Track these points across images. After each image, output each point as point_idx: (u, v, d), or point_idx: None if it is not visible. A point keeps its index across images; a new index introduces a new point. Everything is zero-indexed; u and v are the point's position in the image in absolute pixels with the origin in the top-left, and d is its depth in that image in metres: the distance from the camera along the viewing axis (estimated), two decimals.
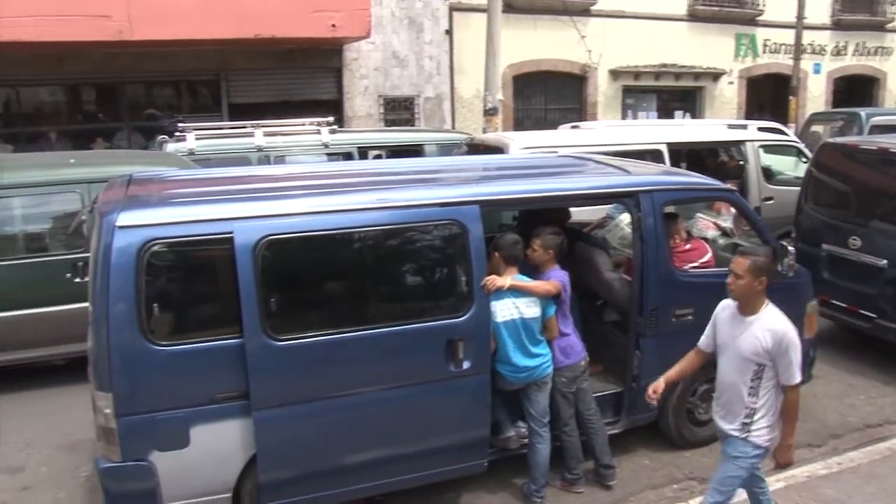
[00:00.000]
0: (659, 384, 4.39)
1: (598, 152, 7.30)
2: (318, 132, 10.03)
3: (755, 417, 4.04)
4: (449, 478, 5.17)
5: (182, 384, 4.28)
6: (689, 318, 5.45)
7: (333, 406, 4.54)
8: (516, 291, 4.89)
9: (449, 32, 15.68)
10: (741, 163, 10.41)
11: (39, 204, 7.48)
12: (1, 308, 7.11)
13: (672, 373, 4.47)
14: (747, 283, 3.97)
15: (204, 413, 4.33)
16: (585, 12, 16.95)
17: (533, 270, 5.24)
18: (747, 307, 4.05)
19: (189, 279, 4.55)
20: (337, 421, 4.58)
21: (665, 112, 18.77)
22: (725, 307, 4.23)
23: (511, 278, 4.87)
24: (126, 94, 14.43)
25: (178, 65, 13.71)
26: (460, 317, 4.74)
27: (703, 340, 4.38)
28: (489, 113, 13.08)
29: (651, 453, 5.93)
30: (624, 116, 18.19)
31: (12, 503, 5.51)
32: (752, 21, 19.41)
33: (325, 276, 4.80)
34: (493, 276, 4.83)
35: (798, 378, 3.98)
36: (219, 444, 4.40)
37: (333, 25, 12.54)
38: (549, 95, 17.73)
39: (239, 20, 11.95)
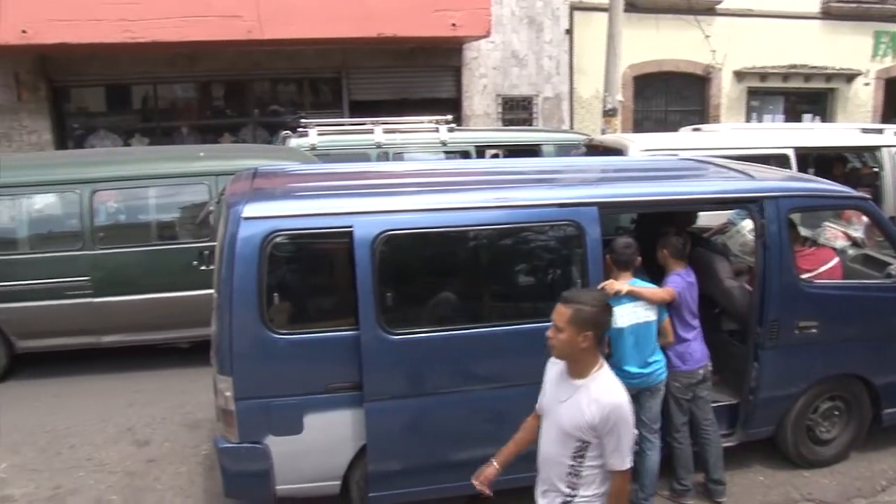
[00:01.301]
0: (489, 472, 3.69)
1: (720, 156, 7.08)
2: (437, 130, 10.13)
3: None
4: None
5: (298, 372, 4.42)
6: (814, 331, 5.22)
7: (444, 402, 4.59)
8: (633, 296, 4.81)
9: (569, 32, 15.51)
10: (875, 169, 9.85)
11: (171, 194, 7.87)
12: (133, 291, 7.54)
13: (507, 450, 3.72)
14: (568, 339, 3.18)
15: (317, 402, 4.45)
16: (710, 11, 16.42)
17: (658, 272, 5.13)
18: (574, 368, 3.28)
19: (308, 270, 4.69)
20: (446, 417, 4.62)
21: (793, 115, 17.95)
22: (556, 362, 3.44)
23: (628, 283, 4.79)
24: (252, 91, 14.96)
25: (303, 63, 14.11)
26: None
27: (539, 400, 3.62)
28: (608, 114, 12.87)
29: (766, 470, 5.69)
30: (748, 119, 17.52)
31: (140, 474, 5.83)
32: (893, 18, 18.32)
33: (441, 272, 4.85)
34: (612, 281, 4.76)
35: (628, 463, 3.19)
36: (330, 433, 4.51)
37: (454, 25, 12.62)
38: (670, 97, 17.28)
39: (362, 19, 12.20)
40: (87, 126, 14.60)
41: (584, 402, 3.17)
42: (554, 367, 3.45)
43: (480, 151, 10.35)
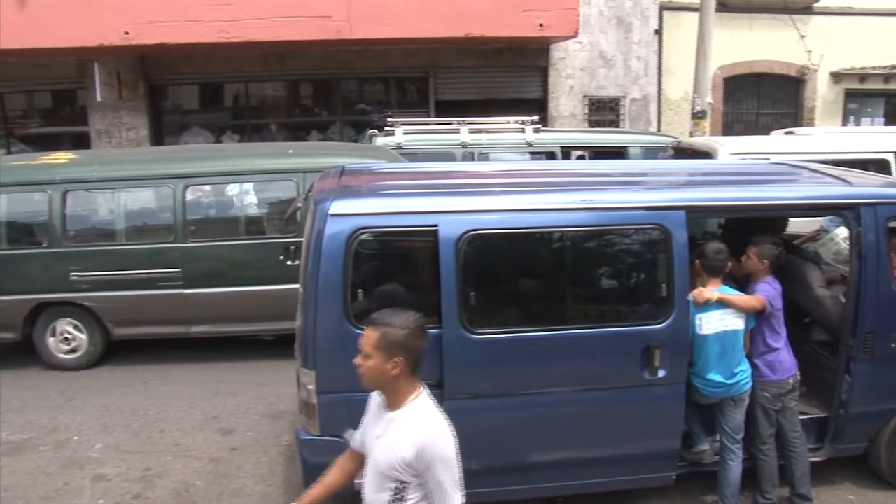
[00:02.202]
0: None
1: (814, 160, 6.85)
2: (523, 131, 10.11)
3: None
4: (633, 487, 5.07)
5: None
6: None
7: (524, 403, 4.57)
8: (722, 304, 4.69)
9: (658, 32, 15.25)
10: None
11: (260, 190, 8.09)
12: (222, 284, 7.76)
13: (313, 492, 3.23)
14: (376, 365, 2.81)
15: None
16: (807, 10, 15.88)
17: (744, 279, 5.01)
18: (388, 398, 2.92)
19: (392, 268, 4.73)
20: (526, 418, 4.59)
21: (894, 119, 17.23)
22: (379, 393, 3.05)
23: (717, 291, 4.68)
24: (340, 90, 15.21)
25: (390, 62, 14.27)
26: (659, 324, 4.60)
27: (355, 436, 3.24)
28: (697, 116, 12.61)
29: (857, 489, 5.44)
30: (845, 122, 16.88)
31: (223, 460, 6.00)
32: None
33: (525, 273, 4.83)
34: (701, 289, 4.66)
35: (457, 500, 2.82)
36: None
37: (541, 25, 12.54)
38: (761, 99, 16.80)
39: (450, 19, 12.25)
40: (181, 123, 15.11)
41: (397, 437, 2.81)
42: (374, 399, 3.09)
43: (566, 153, 10.28)
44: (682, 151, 9.30)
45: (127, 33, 12.03)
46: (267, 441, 6.30)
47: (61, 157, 8.71)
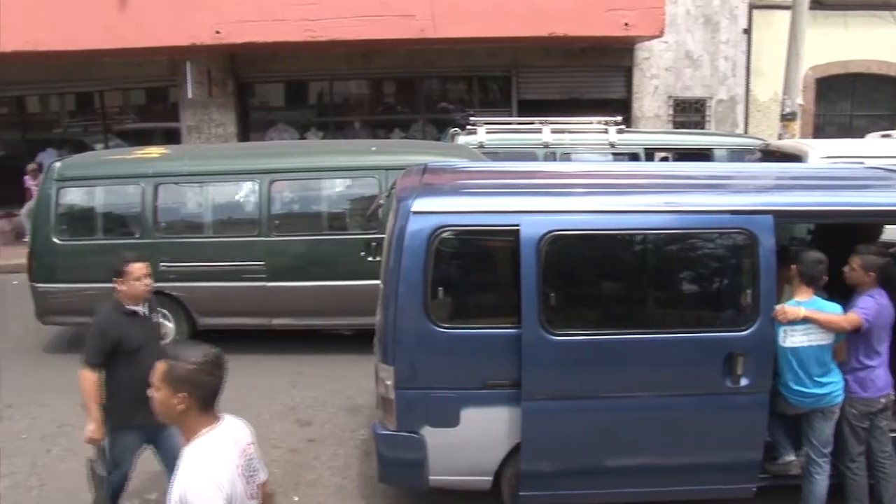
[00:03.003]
0: None
1: None
2: (605, 131, 10.01)
3: None
4: (712, 497, 4.92)
5: (457, 366, 4.48)
6: None
7: (602, 406, 4.52)
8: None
9: (747, 31, 14.86)
10: None
11: (343, 186, 8.20)
12: (304, 278, 7.90)
13: None
14: (163, 399, 2.66)
15: (475, 396, 4.49)
16: None
17: (848, 290, 4.80)
18: (181, 433, 2.75)
19: (473, 266, 4.74)
20: (603, 421, 4.55)
21: None
22: None
23: (805, 308, 4.51)
24: (423, 88, 15.33)
25: (473, 61, 14.30)
26: (742, 331, 4.48)
27: None
28: (787, 118, 12.23)
29: None
30: None
31: (301, 451, 6.11)
32: None
33: (605, 275, 4.79)
34: (786, 308, 4.50)
35: None
36: (486, 429, 4.54)
37: (626, 24, 12.40)
38: (856, 100, 16.18)
39: (534, 18, 12.21)
40: (267, 119, 15.46)
41: (175, 478, 2.61)
42: None
43: (649, 154, 10.13)
44: (770, 154, 9.05)
45: (218, 32, 12.41)
46: (344, 434, 6.39)
47: (154, 151, 9.03)
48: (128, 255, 4.72)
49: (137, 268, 4.59)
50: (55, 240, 8.21)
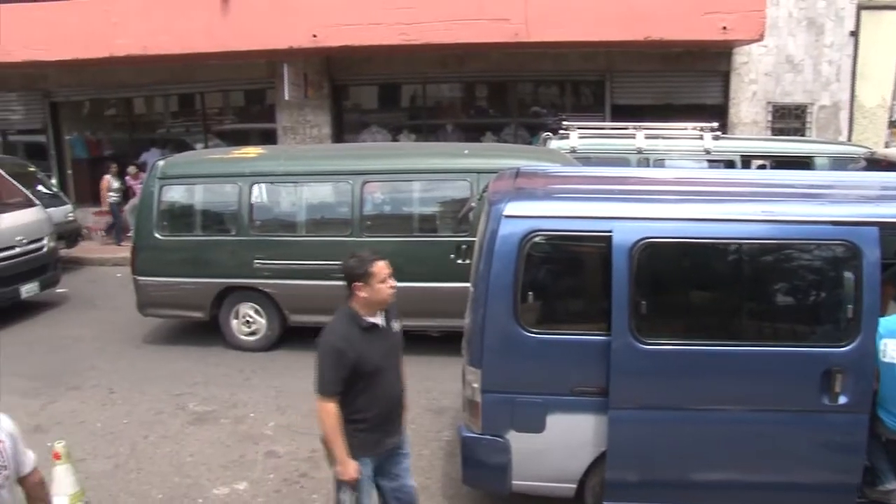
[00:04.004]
0: None
1: None
2: (701, 137, 9.80)
3: None
4: None
5: (545, 371, 4.46)
6: None
7: (691, 418, 4.42)
8: None
9: (854, 34, 14.27)
10: None
11: (434, 189, 8.26)
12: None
13: None
14: None
15: (562, 403, 4.46)
16: None
17: None
18: None
19: (563, 272, 4.72)
20: (692, 434, 4.45)
21: None
22: None
23: None
24: (515, 92, 15.28)
25: (567, 65, 14.19)
26: (842, 346, 4.30)
27: None
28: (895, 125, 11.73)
29: None
30: None
31: None
32: None
33: (698, 285, 4.69)
34: None
35: None
36: (572, 435, 4.51)
37: (725, 28, 12.07)
38: None
39: (629, 22, 12.04)
40: (360, 121, 15.71)
41: None
42: None
43: (746, 161, 9.86)
44: (875, 163, 8.66)
45: (315, 36, 12.69)
46: (428, 434, 6.43)
47: (251, 151, 9.31)
48: (367, 254, 4.05)
49: (381, 267, 3.97)
50: (156, 235, 8.57)
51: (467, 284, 4.94)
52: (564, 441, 4.52)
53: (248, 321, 8.57)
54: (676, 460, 4.52)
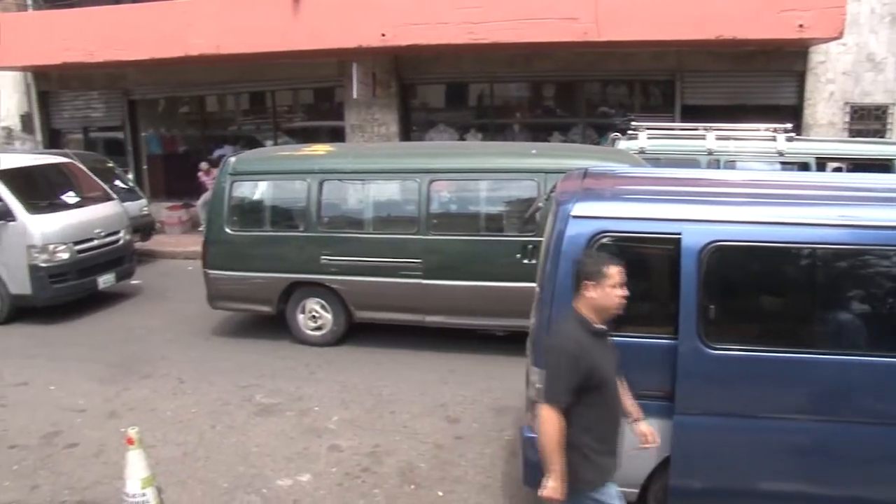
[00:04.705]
0: None
1: None
2: (774, 139, 9.57)
3: None
4: None
5: None
6: None
7: (759, 427, 4.33)
8: None
9: None
10: None
11: (501, 189, 8.24)
12: (459, 277, 8.02)
13: None
14: None
15: None
16: None
17: None
18: None
19: (630, 274, 4.61)
20: (760, 442, 4.36)
21: None
22: None
23: None
24: (583, 92, 15.15)
25: (636, 65, 14.01)
26: None
27: None
28: None
29: None
30: None
31: (447, 447, 6.22)
32: None
33: (771, 290, 4.58)
34: None
35: None
36: (635, 439, 4.46)
37: (801, 26, 11.74)
38: None
39: (700, 21, 11.82)
40: (427, 120, 15.79)
41: None
42: None
43: (821, 164, 9.57)
44: None
45: (384, 35, 12.80)
46: (491, 434, 6.44)
47: (320, 149, 9.44)
48: (602, 256, 3.82)
49: (617, 271, 3.65)
50: (227, 230, 8.76)
51: (533, 284, 4.92)
52: (627, 444, 4.46)
53: (314, 316, 8.70)
54: (743, 469, 4.42)
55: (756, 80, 13.92)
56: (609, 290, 3.62)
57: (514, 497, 5.40)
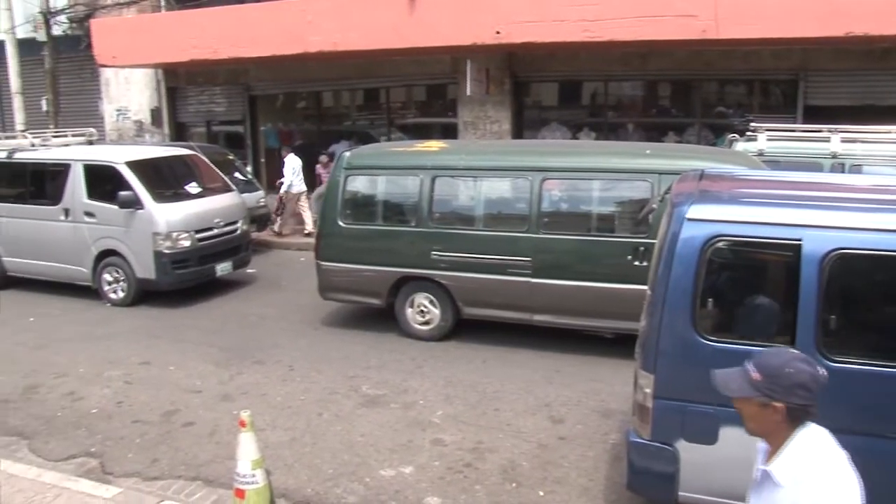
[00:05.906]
0: None
1: None
2: None
3: None
4: None
5: None
6: None
7: (879, 446, 4.11)
8: None
9: None
10: None
11: (614, 189, 8.12)
12: (568, 277, 7.98)
13: None
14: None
15: (736, 416, 4.27)
16: None
17: None
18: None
19: (746, 280, 4.54)
20: (878, 462, 4.14)
21: None
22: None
23: None
24: (700, 91, 14.74)
25: (756, 63, 13.53)
26: None
27: None
28: None
29: None
30: None
31: (550, 448, 6.20)
32: None
33: None
34: None
35: None
36: (746, 451, 4.29)
37: None
38: None
39: (827, 17, 11.28)
40: (540, 118, 15.73)
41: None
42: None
43: None
44: None
45: (498, 33, 12.82)
46: (595, 436, 6.38)
47: (433, 145, 9.56)
48: None
49: None
50: (340, 223, 8.98)
51: (643, 286, 4.85)
52: (738, 456, 4.31)
53: (422, 311, 8.82)
54: (865, 489, 4.23)
55: (887, 80, 13.16)
56: None
57: (616, 502, 5.35)
